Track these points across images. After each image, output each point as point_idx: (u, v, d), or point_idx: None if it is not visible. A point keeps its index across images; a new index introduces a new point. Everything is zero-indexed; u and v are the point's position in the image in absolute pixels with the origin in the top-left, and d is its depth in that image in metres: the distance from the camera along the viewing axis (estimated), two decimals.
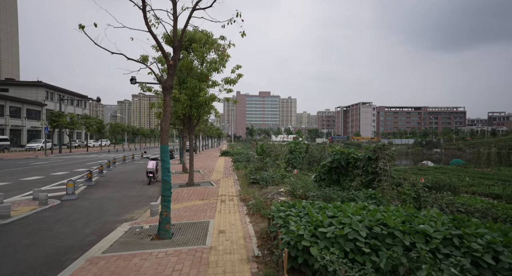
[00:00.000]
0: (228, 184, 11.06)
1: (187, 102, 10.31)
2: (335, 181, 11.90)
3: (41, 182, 12.49)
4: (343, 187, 11.17)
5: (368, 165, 10.37)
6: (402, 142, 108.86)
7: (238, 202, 7.81)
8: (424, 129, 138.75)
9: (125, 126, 61.68)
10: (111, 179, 13.72)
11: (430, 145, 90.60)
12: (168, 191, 5.25)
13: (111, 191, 10.74)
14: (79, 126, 40.70)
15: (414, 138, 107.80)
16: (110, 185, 12.10)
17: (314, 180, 13.27)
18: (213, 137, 59.67)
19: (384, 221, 3.68)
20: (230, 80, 10.25)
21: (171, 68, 5.32)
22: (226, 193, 9.23)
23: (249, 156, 22.88)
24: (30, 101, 53.15)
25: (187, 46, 10.42)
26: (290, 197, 6.90)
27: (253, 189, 9.08)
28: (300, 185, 7.87)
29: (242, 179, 11.89)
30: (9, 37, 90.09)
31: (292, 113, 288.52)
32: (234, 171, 15.44)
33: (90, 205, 8.35)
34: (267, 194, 7.52)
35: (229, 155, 27.81)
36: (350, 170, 11.12)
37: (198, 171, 15.87)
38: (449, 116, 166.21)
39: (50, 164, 20.83)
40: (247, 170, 12.66)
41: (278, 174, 10.22)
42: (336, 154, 11.67)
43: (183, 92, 10.24)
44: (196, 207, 7.56)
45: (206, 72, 10.46)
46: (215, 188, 10.39)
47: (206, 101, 10.39)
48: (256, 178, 9.94)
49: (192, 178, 11.27)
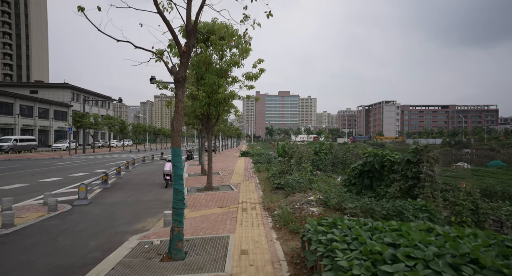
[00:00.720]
0: (249, 189, 10.17)
1: (205, 99, 9.51)
2: (367, 186, 10.70)
3: (58, 184, 12.16)
4: (378, 193, 9.97)
5: (408, 169, 9.13)
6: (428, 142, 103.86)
7: (262, 212, 6.88)
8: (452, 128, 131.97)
9: (146, 127, 62.53)
10: (128, 181, 13.21)
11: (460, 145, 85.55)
12: (181, 202, 4.40)
13: (126, 194, 10.14)
14: (101, 127, 41.38)
15: (442, 138, 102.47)
16: (126, 187, 11.55)
17: (343, 184, 12.12)
18: (232, 137, 59.21)
19: (474, 256, 2.62)
20: (251, 75, 9.34)
21: (184, 56, 4.47)
22: (248, 200, 8.33)
23: (270, 157, 21.92)
24: (57, 103, 54.96)
25: (205, 40, 9.64)
26: (322, 208, 5.91)
27: (278, 196, 8.12)
28: (334, 193, 6.82)
29: (264, 183, 10.96)
30: (39, 43, 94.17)
31: (312, 112, 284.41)
32: (255, 173, 14.55)
33: (101, 212, 7.71)
34: (295, 203, 6.54)
35: (249, 155, 26.99)
36: (386, 174, 9.90)
37: (217, 173, 15.11)
38: (479, 115, 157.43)
39: (72, 165, 20.87)
40: (269, 173, 11.71)
41: (305, 179, 9.19)
42: (368, 156, 10.48)
43: (201, 89, 9.46)
44: (214, 217, 6.71)
45: (226, 67, 9.62)
46: (235, 193, 9.53)
47: (226, 98, 9.54)
48: (280, 183, 8.97)
49: (211, 182, 10.47)
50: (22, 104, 46.71)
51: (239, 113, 12.66)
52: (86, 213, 7.56)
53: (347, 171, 12.32)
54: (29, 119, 48.31)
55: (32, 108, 49.32)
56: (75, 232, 6.03)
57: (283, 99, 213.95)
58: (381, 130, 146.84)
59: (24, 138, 36.47)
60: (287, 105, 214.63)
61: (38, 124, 50.39)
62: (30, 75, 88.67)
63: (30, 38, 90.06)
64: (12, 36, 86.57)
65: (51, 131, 54.32)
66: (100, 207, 8.24)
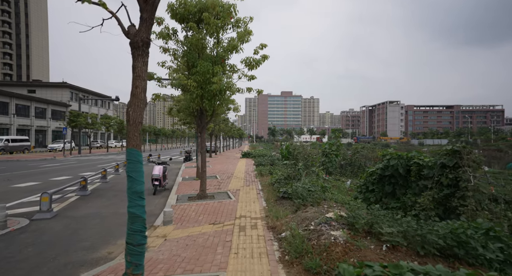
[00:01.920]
0: (249, 197, 8.59)
1: (196, 91, 7.94)
2: (389, 194, 9.07)
3: (32, 190, 10.63)
4: (403, 203, 8.34)
5: (442, 175, 7.53)
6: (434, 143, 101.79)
7: (265, 232, 5.29)
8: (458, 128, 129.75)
9: (146, 127, 61.12)
10: (113, 187, 11.67)
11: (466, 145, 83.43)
12: (139, 235, 2.83)
13: (104, 204, 8.59)
14: (99, 127, 39.97)
15: (448, 139, 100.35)
16: (107, 195, 10.01)
17: (358, 190, 10.49)
18: (234, 137, 57.67)
19: None
20: (252, 61, 7.77)
21: (146, 8, 2.91)
22: (247, 213, 6.74)
23: (273, 159, 20.31)
24: (54, 102, 53.70)
25: (198, 21, 8.09)
26: (347, 230, 4.33)
27: (285, 209, 6.53)
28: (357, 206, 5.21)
29: (267, 190, 9.37)
30: (39, 42, 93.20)
31: (315, 113, 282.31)
32: (257, 177, 12.96)
33: (63, 230, 6.16)
34: (309, 222, 4.96)
35: (251, 157, 25.40)
36: (413, 181, 8.28)
37: (214, 177, 13.55)
38: (485, 115, 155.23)
39: (60, 167, 19.40)
40: (273, 178, 10.13)
41: (317, 186, 7.58)
42: (391, 158, 8.85)
43: (192, 78, 7.90)
44: (202, 240, 5.13)
45: (222, 53, 8.06)
46: (233, 203, 7.95)
47: (221, 90, 7.97)
48: (287, 192, 7.36)
49: (205, 189, 8.90)
50: (18, 104, 45.43)
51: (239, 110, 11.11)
52: (42, 231, 6.01)
53: (362, 176, 10.71)
54: (26, 119, 47.03)
55: (29, 108, 48.07)
56: (12, 263, 4.48)
57: (286, 99, 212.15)
58: (385, 131, 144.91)
59: (16, 138, 35.12)
60: (289, 106, 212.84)
61: (35, 124, 49.12)
62: (30, 75, 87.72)
63: (30, 37, 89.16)
64: (12, 36, 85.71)
65: (48, 131, 53.07)
66: (65, 222, 6.68)
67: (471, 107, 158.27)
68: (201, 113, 8.80)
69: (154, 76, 8.46)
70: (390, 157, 8.83)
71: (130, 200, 2.85)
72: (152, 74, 8.44)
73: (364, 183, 10.11)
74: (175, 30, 8.24)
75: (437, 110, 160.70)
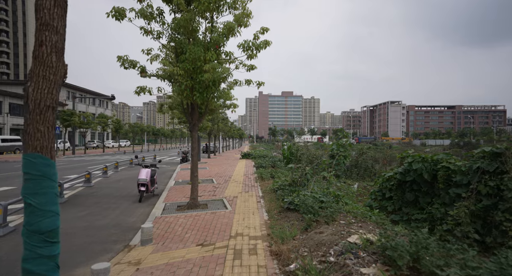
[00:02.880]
0: (248, 207, 7.33)
1: (185, 81, 6.70)
2: (411, 202, 7.81)
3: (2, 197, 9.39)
4: (430, 214, 7.08)
5: (480, 182, 6.27)
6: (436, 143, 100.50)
7: (267, 261, 4.03)
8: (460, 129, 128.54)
9: (144, 126, 59.89)
10: (96, 192, 10.42)
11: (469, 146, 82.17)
12: None
13: (77, 215, 7.34)
14: (94, 126, 38.71)
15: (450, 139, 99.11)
16: (87, 202, 8.75)
17: (372, 197, 9.24)
18: (234, 137, 56.42)
19: None
20: (252, 45, 6.51)
21: None
22: (245, 230, 5.49)
23: (275, 160, 19.04)
24: None
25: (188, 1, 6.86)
26: (382, 265, 3.09)
27: (291, 226, 5.26)
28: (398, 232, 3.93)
29: (269, 197, 8.11)
30: None
31: (315, 113, 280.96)
32: (257, 181, 11.70)
33: (11, 252, 4.91)
34: (326, 249, 3.72)
35: (251, 158, 24.13)
36: (441, 188, 7.03)
37: (211, 181, 12.30)
38: (486, 115, 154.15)
39: None
40: (276, 183, 8.87)
41: (329, 195, 6.32)
42: (413, 161, 7.59)
43: (180, 66, 6.65)
44: (184, 272, 3.88)
45: (216, 37, 6.81)
46: (229, 214, 6.69)
47: (215, 80, 6.72)
48: (293, 202, 6.10)
49: (196, 196, 7.65)
50: (12, 103, 44.19)
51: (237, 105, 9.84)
52: None
53: (377, 181, 9.46)
54: (20, 118, 45.78)
55: (21, 106, 46.83)
56: None
57: (287, 99, 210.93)
58: (386, 131, 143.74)
59: (7, 138, 33.91)
60: (290, 106, 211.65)
61: None
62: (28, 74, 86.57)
63: (27, 36, 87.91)
64: (9, 34, 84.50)
65: None
66: (18, 241, 5.43)
67: (473, 107, 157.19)
68: (192, 109, 7.53)
69: (137, 65, 7.19)
70: (413, 159, 7.57)
71: (27, 246, 1.59)
72: (134, 62, 7.17)
73: (380, 189, 8.85)
74: (161, 10, 6.99)
75: (439, 110, 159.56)
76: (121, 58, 7.09)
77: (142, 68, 7.24)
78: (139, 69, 7.25)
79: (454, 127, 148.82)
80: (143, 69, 7.22)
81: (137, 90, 7.50)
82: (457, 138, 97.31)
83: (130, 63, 7.18)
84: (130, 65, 7.21)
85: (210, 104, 7.65)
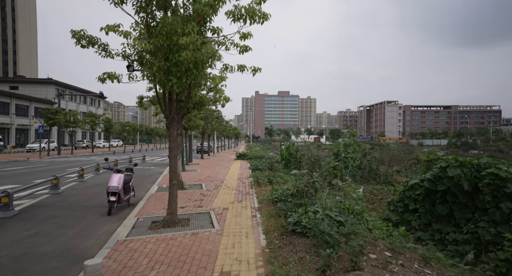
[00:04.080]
0: (241, 225, 5.76)
1: (158, 62, 5.10)
2: (444, 217, 6.29)
3: None
4: (473, 234, 5.55)
5: None
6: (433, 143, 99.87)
7: None
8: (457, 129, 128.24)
9: (136, 126, 58.00)
10: (60, 201, 8.77)
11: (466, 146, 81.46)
12: None
13: (22, 235, 5.70)
14: (82, 125, 36.82)
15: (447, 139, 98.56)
16: (41, 216, 7.10)
17: (391, 208, 7.72)
18: (230, 137, 54.77)
19: None
20: (246, 12, 4.94)
21: None
22: (234, 265, 3.91)
23: (272, 161, 17.49)
24: (38, 99, 50.35)
25: None
26: None
27: (302, 262, 3.69)
28: None
29: (267, 211, 6.53)
30: (27, 37, 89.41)
31: (312, 113, 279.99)
32: (252, 187, 10.13)
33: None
34: None
35: (247, 158, 22.56)
36: (487, 201, 5.52)
37: (199, 186, 10.71)
38: (482, 115, 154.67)
39: (23, 170, 16.43)
40: (275, 192, 7.31)
41: (346, 213, 4.75)
42: (449, 166, 6.09)
43: (150, 42, 5.05)
44: None
45: (200, 7, 5.21)
46: (214, 237, 5.11)
47: (197, 61, 5.13)
48: (300, 223, 4.53)
49: (175, 210, 6.06)
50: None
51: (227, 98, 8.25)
52: None
53: (397, 190, 7.95)
54: (5, 117, 43.70)
55: (9, 105, 44.75)
56: None
57: (283, 99, 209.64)
58: (383, 131, 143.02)
59: None
60: (286, 105, 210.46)
61: (16, 122, 45.79)
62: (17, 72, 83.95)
63: (17, 32, 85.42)
64: None
65: (31, 130, 49.67)
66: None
67: (469, 108, 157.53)
68: (170, 99, 5.93)
69: (98, 42, 5.57)
70: (447, 164, 6.05)
71: None
72: (95, 39, 5.54)
73: (401, 199, 7.34)
74: None
75: (435, 110, 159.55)
76: (77, 34, 5.46)
77: (103, 46, 5.61)
78: (100, 47, 5.62)
79: (450, 127, 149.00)
80: (104, 47, 5.59)
81: (101, 77, 5.86)
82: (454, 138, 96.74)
83: (89, 41, 5.56)
84: (88, 43, 5.58)
85: (192, 94, 6.05)
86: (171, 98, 5.95)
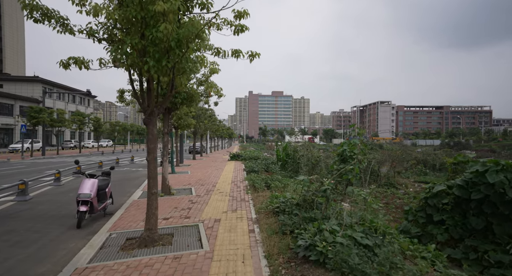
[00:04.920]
0: (235, 244, 4.66)
1: (130, 39, 3.97)
2: (479, 232, 5.28)
3: None
4: None
5: None
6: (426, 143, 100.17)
7: None
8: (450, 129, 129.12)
9: (127, 125, 56.30)
10: (26, 210, 7.54)
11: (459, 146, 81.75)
12: None
13: None
14: (68, 124, 35.17)
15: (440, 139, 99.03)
16: None
17: (409, 219, 6.70)
18: (223, 137, 53.53)
19: None
20: None
21: None
22: None
23: (268, 163, 16.41)
24: (23, 98, 48.33)
25: None
26: None
27: None
28: None
29: (267, 224, 5.43)
30: (14, 34, 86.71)
31: (305, 113, 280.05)
32: (247, 192, 9.03)
33: None
34: None
35: (241, 159, 21.46)
36: None
37: (189, 191, 9.56)
38: (473, 116, 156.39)
39: None
40: (276, 201, 6.23)
41: (373, 233, 3.71)
42: (488, 170, 5.08)
43: (119, 13, 3.93)
44: None
45: None
46: (202, 263, 4.00)
47: (180, 38, 4.02)
48: (314, 247, 3.46)
49: (154, 226, 4.92)
50: None
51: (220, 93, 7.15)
52: None
53: (417, 197, 6.95)
54: None
55: None
56: None
57: (277, 99, 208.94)
58: (376, 131, 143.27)
59: None
60: (280, 105, 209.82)
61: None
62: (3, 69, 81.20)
63: (3, 29, 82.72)
64: None
65: (16, 129, 47.62)
66: None
67: (460, 108, 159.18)
68: (149, 89, 4.80)
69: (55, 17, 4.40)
70: (485, 168, 5.07)
71: None
72: (51, 12, 4.38)
73: (423, 209, 6.34)
74: None
75: (427, 111, 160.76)
76: (28, 4, 4.29)
77: (62, 21, 4.44)
78: (59, 22, 4.45)
79: (442, 127, 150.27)
80: (63, 22, 4.43)
81: (65, 62, 4.70)
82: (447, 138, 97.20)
83: (43, 13, 4.39)
84: (43, 16, 4.41)
85: (177, 82, 4.92)
86: (149, 87, 4.81)
